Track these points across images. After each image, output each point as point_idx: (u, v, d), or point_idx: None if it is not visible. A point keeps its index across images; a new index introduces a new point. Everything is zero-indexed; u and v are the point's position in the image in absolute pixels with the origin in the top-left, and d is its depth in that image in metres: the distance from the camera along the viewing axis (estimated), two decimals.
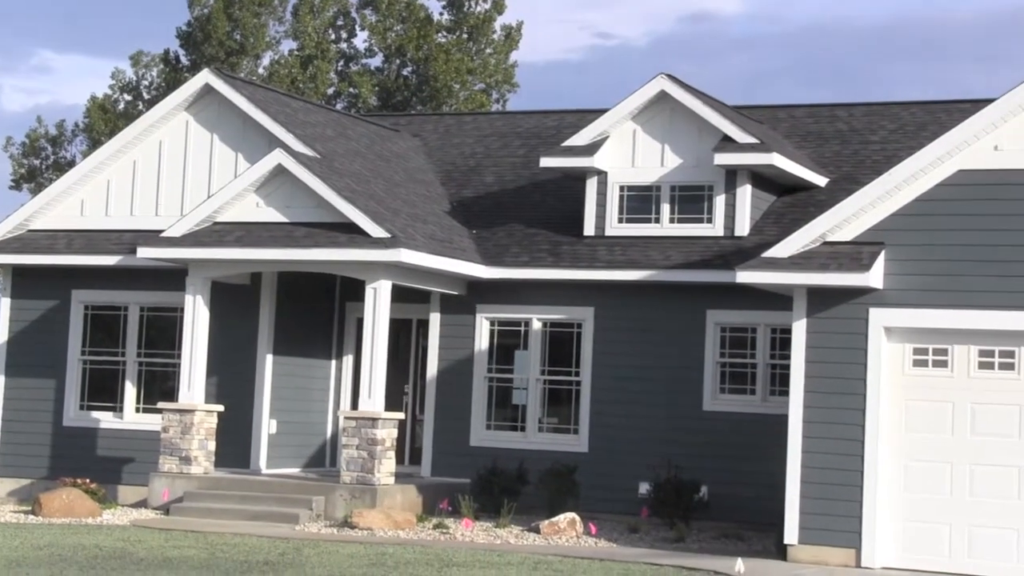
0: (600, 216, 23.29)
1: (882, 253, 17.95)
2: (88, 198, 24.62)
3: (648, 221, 23.07)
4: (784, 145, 23.79)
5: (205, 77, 24.12)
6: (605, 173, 23.26)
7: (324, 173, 22.21)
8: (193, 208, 22.99)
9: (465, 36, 51.01)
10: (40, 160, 59.72)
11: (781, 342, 21.44)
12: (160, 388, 24.21)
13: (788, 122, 26.09)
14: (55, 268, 24.50)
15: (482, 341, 23.40)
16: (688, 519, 20.84)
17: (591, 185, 23.37)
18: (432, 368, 23.62)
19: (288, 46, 52.09)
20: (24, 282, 24.94)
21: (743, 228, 22.52)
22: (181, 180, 24.09)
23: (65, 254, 24.23)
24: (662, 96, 23.00)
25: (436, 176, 26.56)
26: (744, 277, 18.63)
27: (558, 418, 23.11)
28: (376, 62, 51.90)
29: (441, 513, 21.39)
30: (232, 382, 23.51)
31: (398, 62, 51.22)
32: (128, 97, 56.18)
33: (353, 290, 23.58)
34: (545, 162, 23.59)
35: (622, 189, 23.25)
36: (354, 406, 23.35)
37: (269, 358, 23.56)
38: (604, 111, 23.56)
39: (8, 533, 18.69)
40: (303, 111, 25.44)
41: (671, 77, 23.02)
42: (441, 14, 51.23)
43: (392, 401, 23.10)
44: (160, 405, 22.80)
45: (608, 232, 23.20)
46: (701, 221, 22.77)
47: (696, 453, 21.59)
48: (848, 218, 18.18)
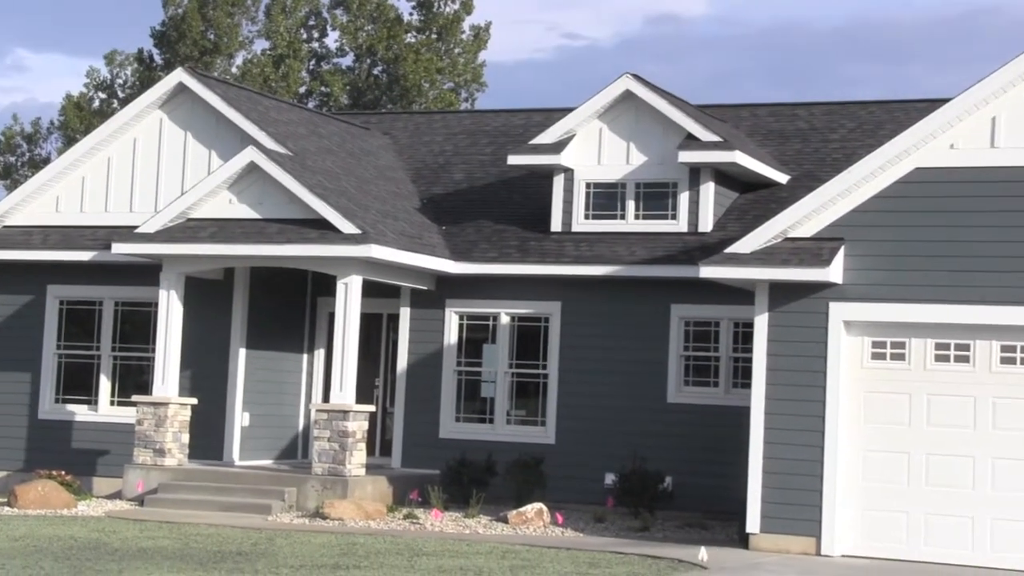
0: (567, 213, 23.29)
1: (842, 249, 18.00)
2: (63, 195, 24.49)
3: (614, 218, 23.09)
4: (747, 143, 23.83)
5: (179, 76, 24.03)
6: (572, 171, 23.26)
7: (296, 170, 22.14)
8: (167, 205, 22.89)
9: (434, 36, 50.95)
10: (16, 157, 59.44)
11: (743, 336, 21.49)
12: (134, 381, 24.12)
13: (751, 121, 26.15)
14: (30, 264, 24.36)
15: (451, 335, 23.38)
16: (653, 509, 20.87)
17: (558, 182, 23.36)
18: (402, 361, 23.59)
19: (261, 45, 52.01)
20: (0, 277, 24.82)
21: (707, 224, 22.56)
22: (155, 177, 24.00)
23: (40, 250, 24.12)
24: (627, 95, 23.01)
25: (406, 173, 26.51)
26: (707, 272, 18.66)
27: (526, 410, 23.11)
28: (347, 61, 51.83)
29: (411, 504, 21.37)
30: (205, 376, 23.44)
31: (369, 61, 51.13)
32: (103, 95, 55.94)
33: (325, 285, 23.53)
34: (513, 160, 23.58)
35: (588, 186, 23.26)
36: (326, 399, 23.31)
37: (242, 352, 23.49)
38: (571, 110, 23.55)
39: None
40: (275, 109, 25.36)
41: (636, 77, 23.04)
42: (411, 14, 51.19)
43: (363, 394, 23.05)
44: (134, 398, 22.71)
45: (575, 228, 23.20)
46: (665, 217, 22.80)
47: (660, 444, 21.62)
48: (809, 215, 18.22)
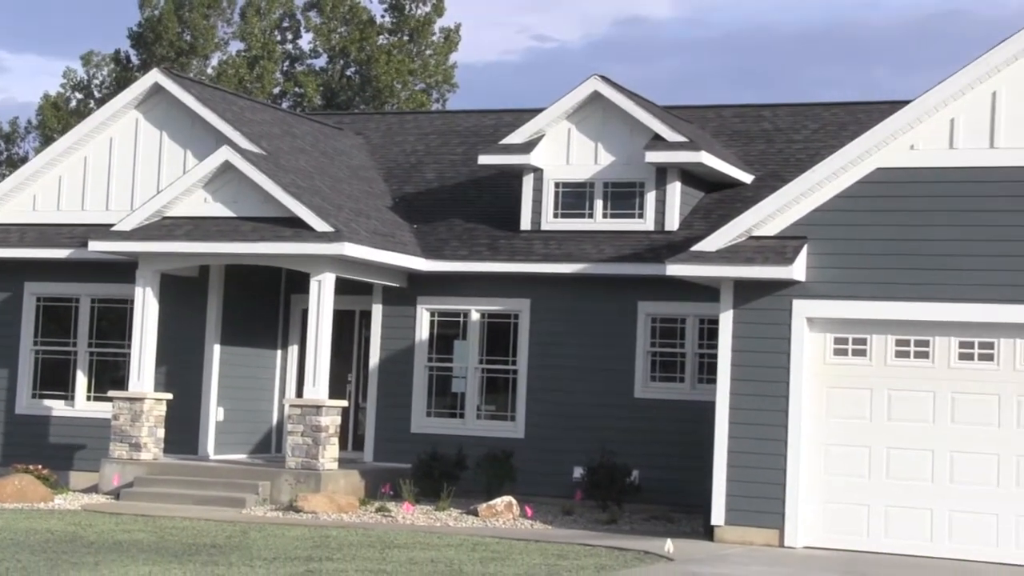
0: (536, 211, 23.27)
1: (805, 247, 18.02)
2: (40, 193, 24.34)
3: (582, 216, 23.08)
4: (712, 144, 23.85)
5: (155, 76, 23.92)
6: (541, 170, 23.24)
7: (270, 170, 22.06)
8: (143, 203, 22.78)
9: (406, 38, 50.86)
10: None
11: (709, 332, 21.50)
12: (111, 377, 24.00)
13: (716, 122, 26.16)
14: (8, 261, 24.19)
15: (422, 331, 23.34)
16: (620, 502, 20.87)
17: (527, 182, 23.34)
18: (374, 358, 23.53)
19: (236, 47, 51.82)
20: None
21: (673, 223, 22.57)
22: (131, 176, 23.89)
23: (18, 247, 23.95)
24: (595, 96, 22.99)
25: (379, 173, 26.44)
26: (674, 270, 18.66)
27: (496, 405, 23.08)
28: (320, 62, 51.69)
29: (383, 497, 21.32)
30: (181, 371, 23.35)
31: (342, 63, 51.01)
32: (80, 96, 55.62)
33: (298, 282, 23.45)
34: (483, 160, 23.54)
35: (557, 185, 23.24)
36: (299, 394, 23.25)
37: (217, 348, 23.40)
38: (540, 111, 23.52)
39: None
40: (250, 109, 25.26)
41: (604, 78, 23.03)
42: (383, 17, 51.09)
43: (336, 389, 22.98)
44: (111, 393, 22.59)
45: (544, 227, 23.18)
46: (633, 216, 22.80)
47: (628, 439, 21.62)
48: (773, 214, 18.24)
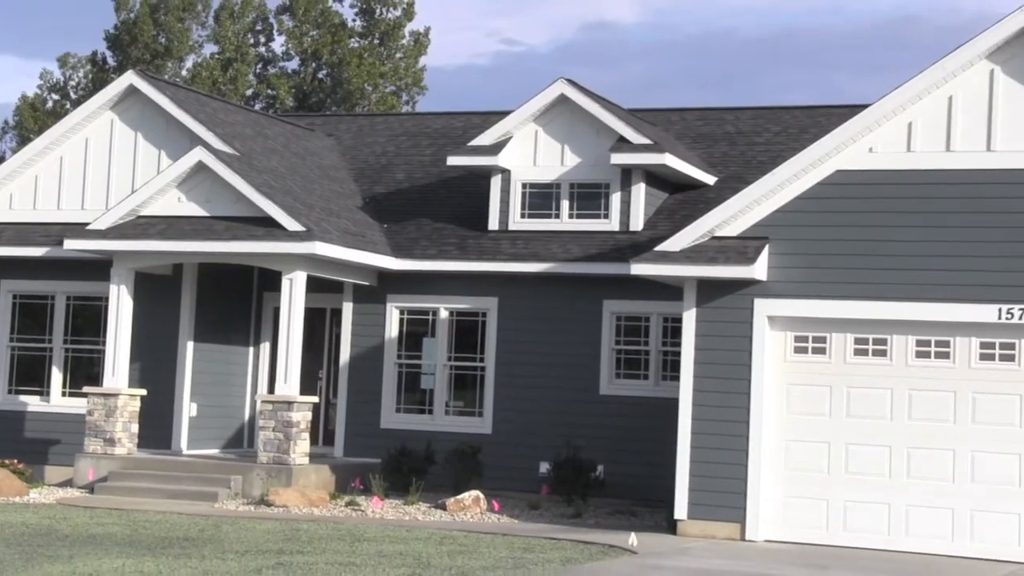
0: (504, 212, 23.21)
1: (766, 247, 18.02)
2: (17, 192, 24.15)
3: (549, 216, 23.03)
4: (676, 146, 23.84)
5: (129, 78, 23.79)
6: (509, 171, 23.18)
7: (243, 170, 21.95)
8: (118, 202, 22.64)
9: (377, 41, 50.76)
10: None
11: (672, 330, 21.49)
12: (86, 373, 23.84)
13: (680, 124, 26.16)
14: None
15: (392, 329, 23.25)
16: (585, 496, 20.83)
17: (495, 182, 23.29)
18: (345, 354, 23.44)
19: (210, 49, 51.57)
20: None
21: (638, 223, 22.55)
22: (106, 176, 23.75)
23: None
24: (562, 99, 22.95)
25: (349, 173, 26.34)
26: (638, 269, 18.63)
27: (464, 401, 23.02)
28: (293, 65, 51.52)
29: (353, 491, 21.23)
30: (155, 367, 23.21)
31: (314, 65, 50.87)
32: (56, 97, 55.26)
33: (270, 281, 23.35)
34: (452, 161, 23.48)
35: (524, 186, 23.20)
36: (271, 390, 23.15)
37: (190, 345, 23.27)
38: (508, 113, 23.48)
39: None
40: (223, 111, 25.12)
41: (570, 81, 22.99)
42: (354, 20, 50.97)
43: (307, 386, 22.86)
44: (86, 389, 22.44)
45: (511, 227, 23.13)
46: (598, 217, 22.78)
47: (593, 434, 21.59)
48: (735, 214, 18.23)
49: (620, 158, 22.37)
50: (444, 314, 23.08)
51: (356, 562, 14.57)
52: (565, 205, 22.97)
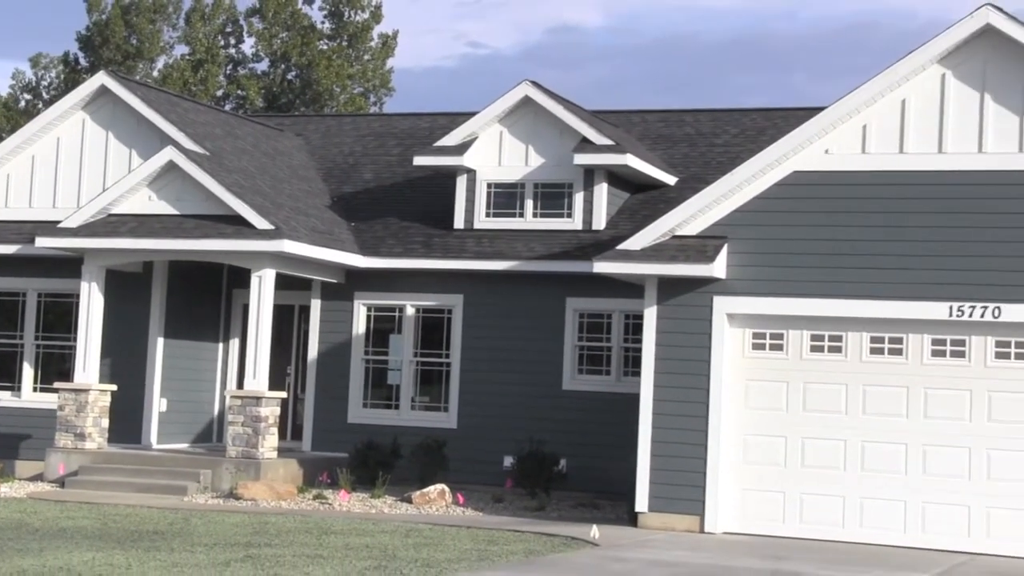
0: (469, 211, 23.21)
1: (725, 246, 18.07)
2: None
3: (513, 216, 23.04)
4: (638, 147, 23.88)
5: (101, 78, 23.67)
6: (474, 171, 23.18)
7: (213, 169, 21.87)
8: (89, 201, 22.53)
9: (345, 44, 50.64)
10: None
11: (634, 327, 21.53)
12: (57, 369, 23.70)
13: (642, 126, 26.21)
14: None
15: (359, 326, 23.22)
16: (548, 490, 20.85)
17: (461, 182, 23.28)
18: (313, 351, 23.39)
19: (181, 50, 51.33)
20: None
21: (600, 223, 22.59)
22: (78, 174, 23.64)
23: None
24: (526, 101, 22.96)
25: (318, 173, 26.28)
26: (600, 267, 18.66)
27: (429, 397, 23.00)
28: (263, 66, 51.33)
29: (321, 485, 21.19)
30: (125, 363, 23.10)
31: (283, 67, 50.70)
32: (28, 96, 54.89)
33: (240, 278, 23.27)
34: (419, 161, 23.45)
35: (489, 186, 23.20)
36: (240, 386, 23.08)
37: (160, 341, 23.17)
38: (474, 114, 23.47)
39: None
40: (193, 111, 25.02)
41: (535, 83, 23.00)
42: (323, 23, 50.83)
43: (275, 381, 22.80)
44: (56, 385, 22.31)
45: (476, 226, 23.13)
46: (562, 216, 22.80)
47: (556, 429, 21.61)
48: (695, 214, 18.28)
49: (583, 158, 22.40)
50: (410, 311, 23.06)
51: (323, 554, 14.54)
52: (529, 204, 22.98)
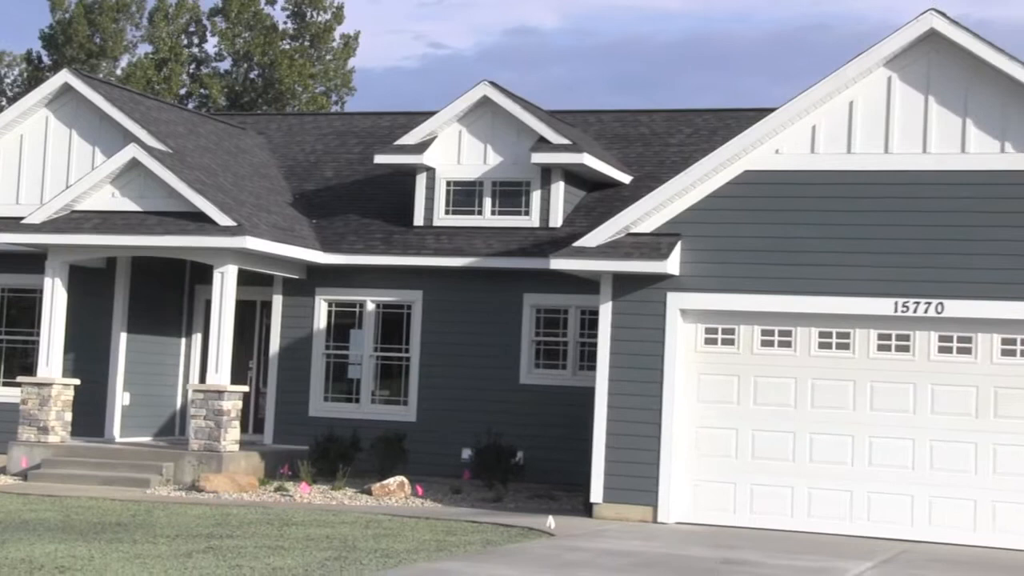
0: (428, 208, 23.24)
1: (679, 243, 18.19)
2: None
3: (472, 213, 23.09)
4: (594, 146, 23.98)
5: (64, 76, 23.54)
6: (433, 169, 23.21)
7: (176, 167, 21.80)
8: (53, 197, 22.42)
9: (307, 44, 50.50)
10: None
11: (589, 322, 21.63)
12: (20, 363, 23.59)
13: (597, 126, 26.31)
14: None
15: (320, 321, 23.21)
16: (506, 481, 20.92)
17: (420, 180, 23.31)
18: (275, 345, 23.36)
19: (144, 49, 51.04)
20: None
21: (557, 220, 22.67)
22: (41, 171, 23.50)
23: None
24: (485, 101, 23.02)
25: (280, 171, 26.24)
26: (557, 264, 18.74)
27: (389, 390, 23.03)
28: (225, 66, 51.11)
29: (282, 477, 21.18)
30: (88, 358, 23.01)
31: (246, 66, 50.50)
32: None
33: (202, 274, 23.22)
34: (379, 159, 23.47)
35: (448, 184, 23.24)
36: (202, 380, 23.03)
37: (123, 336, 23.09)
38: (433, 113, 23.50)
39: None
40: (156, 109, 24.93)
41: (493, 84, 23.06)
42: (285, 23, 50.66)
43: (238, 375, 22.76)
44: (20, 379, 22.20)
45: (436, 223, 23.17)
46: (519, 214, 22.87)
47: (513, 422, 21.69)
48: (649, 212, 18.38)
49: (540, 157, 22.48)
50: (371, 306, 23.08)
51: (284, 545, 14.55)
52: (488, 202, 23.04)
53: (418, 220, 23.27)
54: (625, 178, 23.91)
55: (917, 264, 17.27)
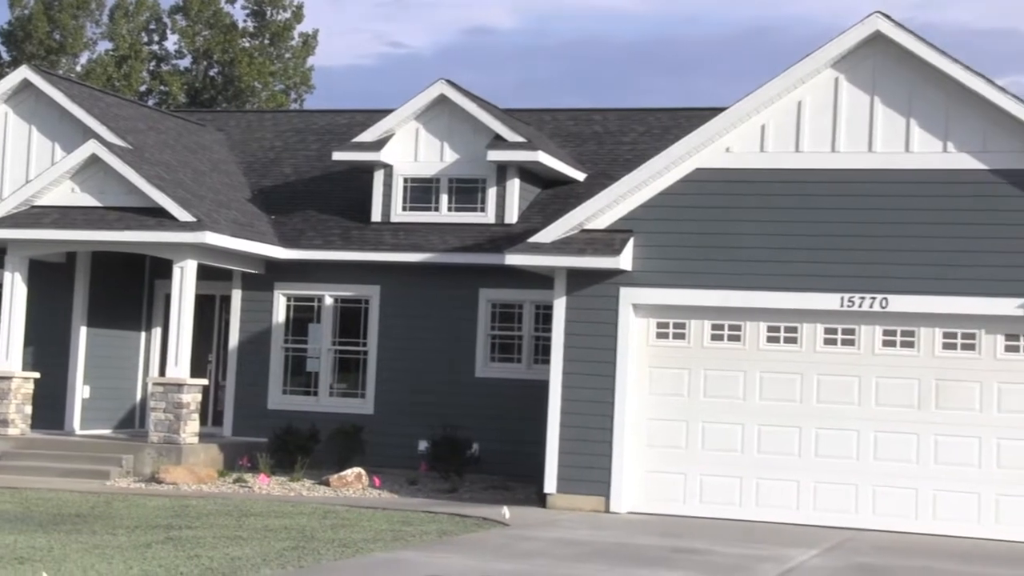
0: (386, 205, 23.25)
1: (631, 240, 18.28)
2: None
3: (429, 209, 23.12)
4: (549, 144, 24.05)
5: (23, 72, 23.40)
6: (391, 166, 23.22)
7: (135, 162, 21.71)
8: (12, 192, 22.29)
9: (267, 42, 50.33)
10: None
11: (544, 317, 21.71)
12: None
13: (552, 124, 26.38)
14: None
15: (279, 315, 23.18)
16: (461, 473, 20.97)
17: (378, 177, 23.31)
18: (234, 339, 23.31)
19: (104, 46, 50.71)
20: None
21: (512, 216, 22.74)
22: (0, 167, 23.32)
23: None
24: (442, 99, 23.04)
25: (239, 167, 26.16)
26: (512, 260, 18.80)
27: (347, 384, 23.03)
28: (185, 63, 50.85)
29: (241, 469, 21.15)
30: (48, 351, 22.88)
31: (205, 63, 50.27)
32: None
33: (162, 268, 23.12)
34: (337, 156, 23.45)
35: (406, 181, 23.26)
36: (162, 373, 22.95)
37: (83, 330, 22.98)
38: (391, 111, 23.50)
39: None
40: (116, 106, 24.81)
41: (450, 82, 23.08)
42: (245, 21, 50.47)
43: (197, 369, 22.69)
44: None
45: (393, 219, 23.18)
46: (475, 210, 22.92)
47: (469, 415, 21.73)
48: (603, 208, 18.46)
49: (496, 155, 22.53)
50: (329, 301, 23.07)
51: (243, 536, 14.55)
52: (444, 199, 23.07)
53: (376, 216, 23.27)
54: (579, 175, 24.00)
55: (863, 260, 17.45)
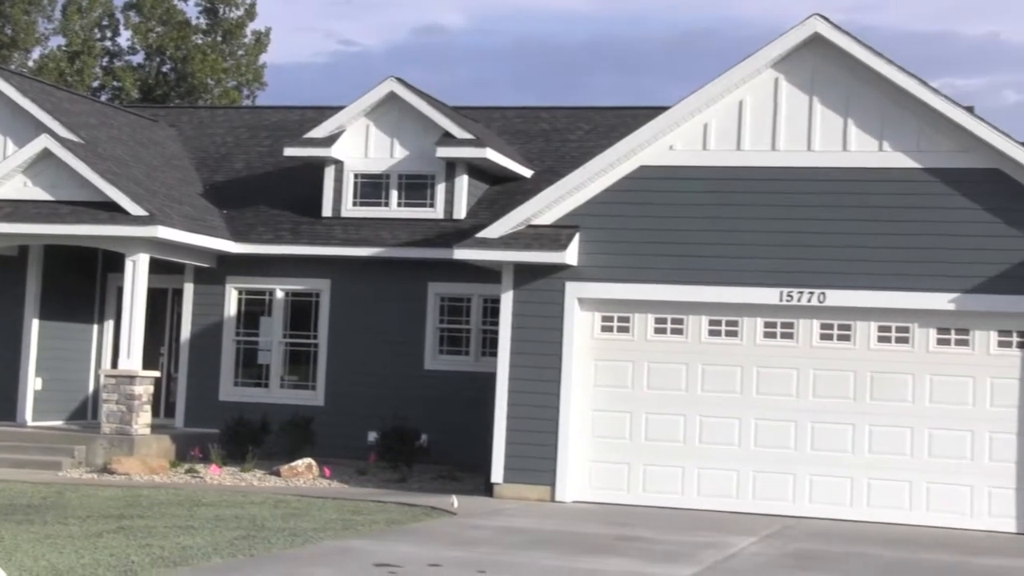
0: (337, 200, 23.23)
1: (577, 235, 18.37)
2: None
3: (379, 205, 23.12)
4: (497, 141, 24.11)
5: None
6: (341, 162, 23.20)
7: (88, 157, 21.57)
8: None
9: (220, 39, 50.04)
10: None
11: (492, 310, 21.78)
12: None
13: (501, 122, 26.44)
14: None
15: (231, 308, 23.11)
16: (410, 463, 21.00)
17: (329, 173, 23.28)
18: (186, 332, 23.22)
19: (57, 42, 50.22)
20: None
21: (461, 212, 22.78)
22: None
23: None
24: (391, 96, 23.05)
25: (191, 162, 26.04)
26: (460, 254, 18.84)
27: (298, 376, 23.00)
28: (138, 59, 50.49)
29: (193, 460, 21.07)
30: (0, 343, 22.66)
31: (159, 60, 49.93)
32: None
33: (115, 262, 22.97)
34: (288, 152, 23.40)
35: (356, 176, 23.25)
36: (114, 365, 22.82)
37: (35, 322, 22.80)
38: (342, 108, 23.48)
39: None
40: (68, 101, 24.62)
41: (399, 80, 23.09)
42: (198, 18, 50.14)
43: (149, 361, 22.59)
44: None
45: (344, 214, 23.16)
46: (425, 206, 22.95)
47: (418, 406, 21.77)
48: (550, 204, 18.54)
49: (445, 152, 22.56)
50: (280, 295, 23.02)
51: (194, 525, 14.51)
52: (394, 194, 23.08)
53: (326, 211, 23.24)
54: (527, 172, 24.08)
55: (801, 256, 17.63)
